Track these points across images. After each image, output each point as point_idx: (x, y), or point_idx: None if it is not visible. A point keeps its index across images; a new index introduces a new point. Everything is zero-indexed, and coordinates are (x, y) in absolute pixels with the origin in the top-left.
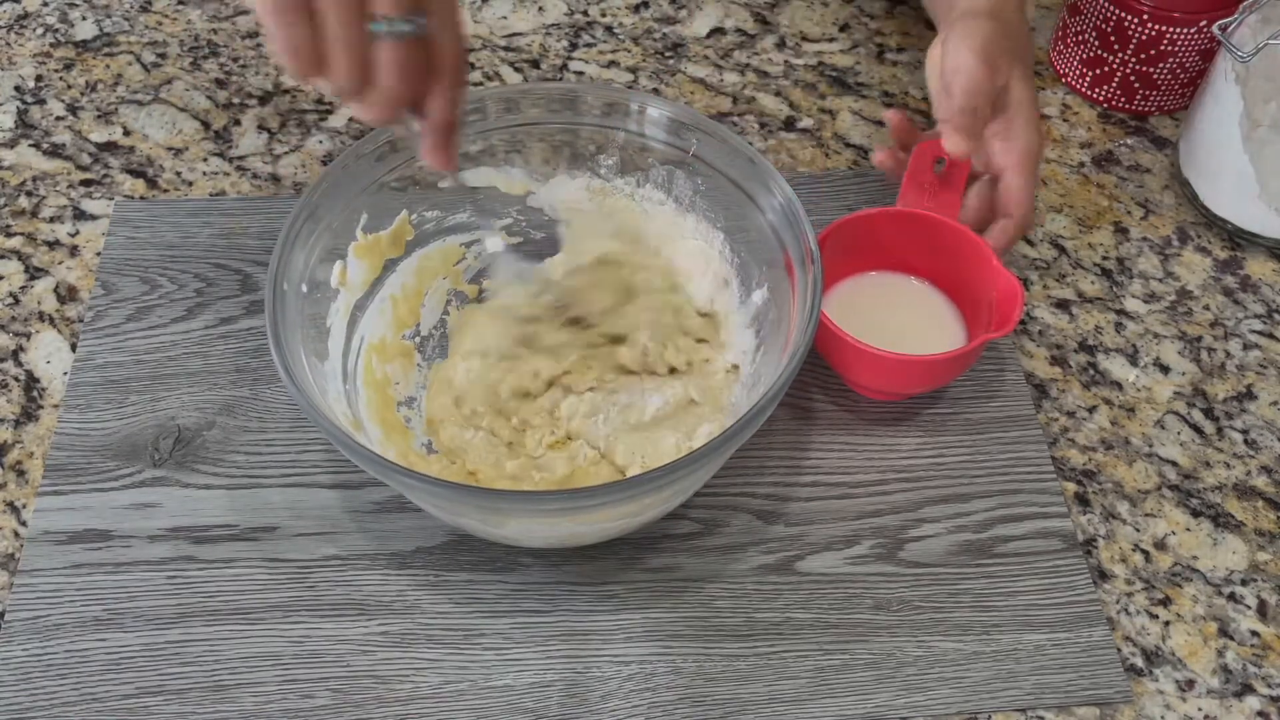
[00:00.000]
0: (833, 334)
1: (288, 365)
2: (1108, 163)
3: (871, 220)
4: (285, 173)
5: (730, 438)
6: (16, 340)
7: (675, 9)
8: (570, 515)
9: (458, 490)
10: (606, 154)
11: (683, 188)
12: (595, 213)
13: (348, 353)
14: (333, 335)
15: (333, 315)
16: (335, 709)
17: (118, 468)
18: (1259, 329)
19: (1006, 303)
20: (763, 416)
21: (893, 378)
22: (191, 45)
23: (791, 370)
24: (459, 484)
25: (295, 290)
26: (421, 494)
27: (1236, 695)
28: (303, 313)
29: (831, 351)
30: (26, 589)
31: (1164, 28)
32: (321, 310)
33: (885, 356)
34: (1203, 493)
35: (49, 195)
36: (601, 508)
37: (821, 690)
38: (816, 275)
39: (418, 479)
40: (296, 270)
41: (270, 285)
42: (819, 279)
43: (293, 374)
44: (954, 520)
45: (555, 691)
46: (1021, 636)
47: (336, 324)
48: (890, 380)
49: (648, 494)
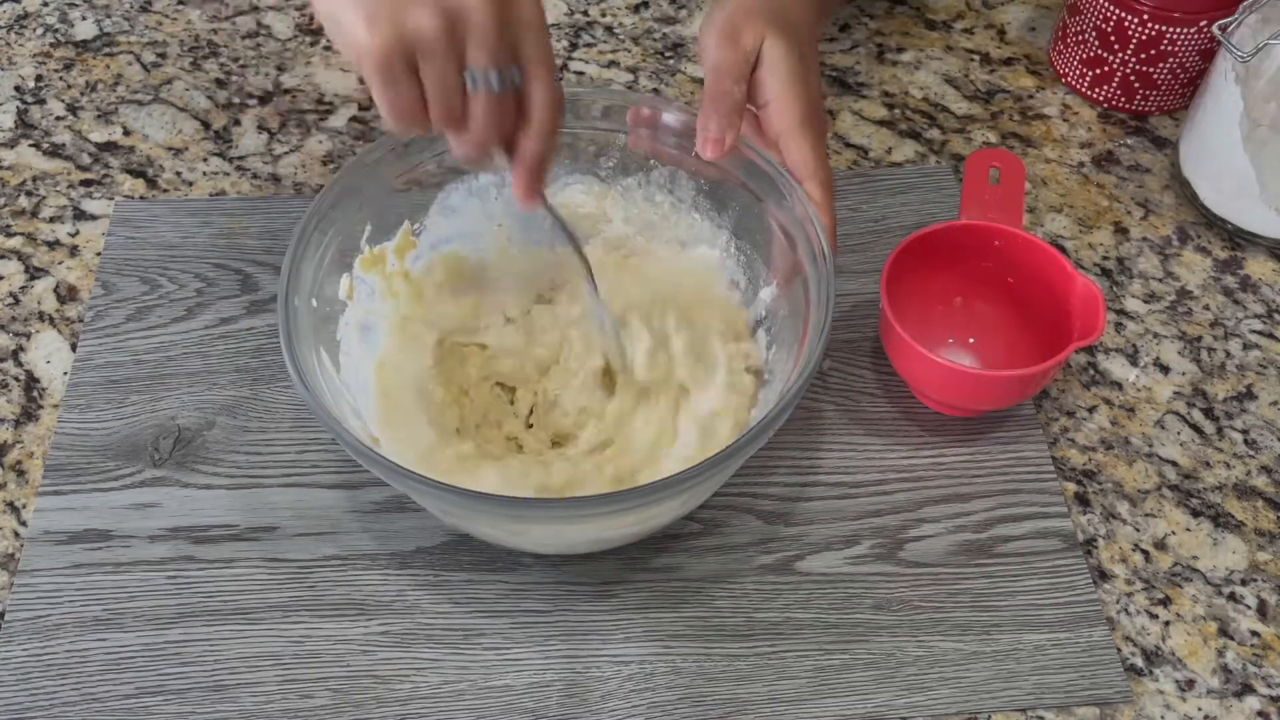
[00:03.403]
0: (919, 354)
1: (302, 374)
2: (1108, 163)
3: (941, 235)
4: (285, 173)
5: (754, 438)
6: (16, 340)
7: (675, 9)
8: (587, 522)
9: (479, 499)
10: (607, 156)
11: (685, 188)
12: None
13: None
14: (343, 348)
15: (343, 328)
16: (335, 709)
17: (118, 468)
18: (1259, 329)
19: (1089, 309)
20: (784, 416)
21: (980, 395)
22: (191, 45)
23: (812, 368)
24: (482, 493)
25: (306, 304)
26: (447, 503)
27: (1236, 695)
28: (314, 327)
29: (915, 371)
30: (26, 589)
31: (1164, 28)
32: (332, 325)
33: (980, 375)
34: (1203, 493)
35: (49, 195)
36: (625, 513)
37: (821, 690)
38: (829, 274)
39: (441, 489)
40: (306, 284)
41: (282, 300)
42: (830, 279)
43: (307, 382)
44: (954, 520)
45: (555, 691)
46: (1021, 636)
47: (347, 336)
48: (976, 398)
49: (676, 495)
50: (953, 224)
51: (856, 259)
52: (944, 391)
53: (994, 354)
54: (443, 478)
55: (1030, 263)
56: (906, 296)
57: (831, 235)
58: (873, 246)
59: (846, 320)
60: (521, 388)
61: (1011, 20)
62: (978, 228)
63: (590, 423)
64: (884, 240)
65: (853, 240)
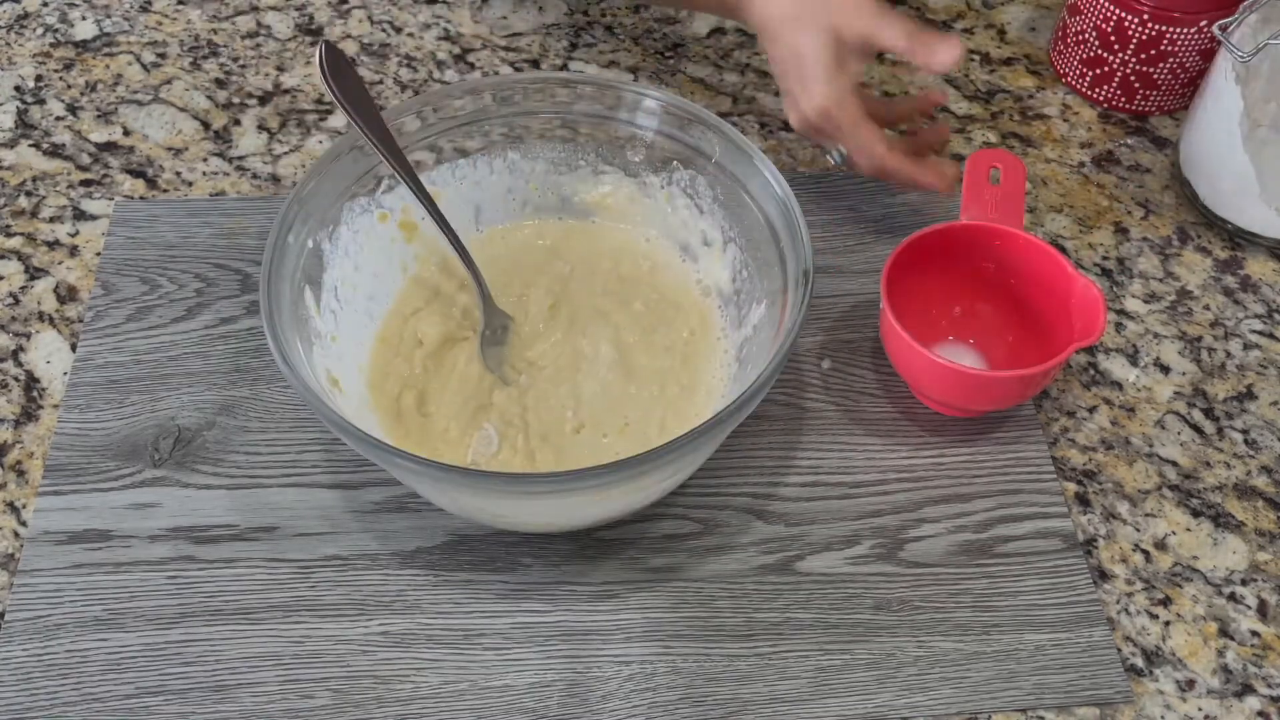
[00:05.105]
0: (919, 354)
1: (286, 356)
2: (1108, 163)
3: (941, 236)
4: (285, 173)
5: (722, 421)
6: (16, 340)
7: (675, 9)
8: (561, 496)
9: (452, 473)
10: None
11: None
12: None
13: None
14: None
15: (325, 314)
16: (335, 709)
17: (118, 468)
18: (1259, 329)
19: (1089, 310)
20: (763, 391)
21: (981, 395)
22: (191, 45)
23: (782, 357)
24: (454, 466)
25: (291, 288)
26: (421, 479)
27: (1237, 695)
28: (296, 313)
29: (916, 371)
30: (26, 589)
31: (1164, 28)
32: (310, 311)
33: (981, 376)
34: (1203, 493)
35: (49, 195)
36: (596, 489)
37: (822, 690)
38: (805, 255)
39: (415, 461)
40: (289, 267)
41: (264, 284)
42: (808, 257)
43: (290, 361)
44: (954, 520)
45: (555, 691)
46: (1022, 636)
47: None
48: (977, 398)
49: (646, 474)
50: (953, 224)
51: (856, 259)
52: (944, 392)
53: (994, 354)
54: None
55: (1030, 263)
56: (907, 296)
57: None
58: (873, 246)
59: (846, 320)
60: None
61: (1011, 20)
62: (978, 228)
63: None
64: (884, 240)
65: (852, 240)
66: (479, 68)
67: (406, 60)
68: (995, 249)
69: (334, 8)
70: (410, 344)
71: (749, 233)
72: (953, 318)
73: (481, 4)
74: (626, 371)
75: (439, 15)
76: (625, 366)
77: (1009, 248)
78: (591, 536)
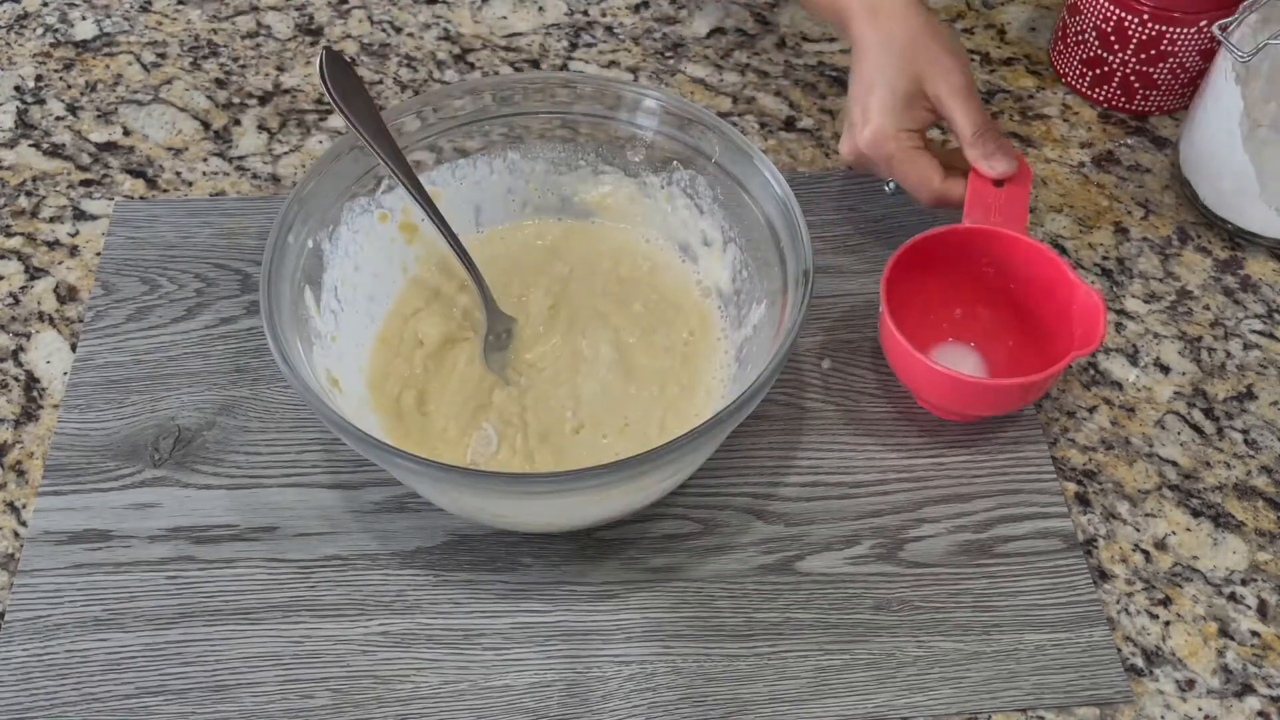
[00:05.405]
0: (918, 361)
1: (286, 356)
2: (1108, 163)
3: (942, 238)
4: (285, 173)
5: (723, 420)
6: (16, 340)
7: (675, 9)
8: (561, 496)
9: (452, 473)
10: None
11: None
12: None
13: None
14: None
15: (325, 314)
16: (335, 709)
17: (118, 468)
18: (1259, 329)
19: (1089, 317)
20: (765, 389)
21: (979, 402)
22: (191, 45)
23: (782, 356)
24: (454, 466)
25: (291, 288)
26: (421, 479)
27: (1237, 695)
28: (296, 313)
29: (914, 377)
30: (26, 589)
31: (1164, 28)
32: (310, 311)
33: (979, 384)
34: (1203, 493)
35: (49, 195)
36: (596, 489)
37: (822, 690)
38: (805, 251)
39: (415, 461)
40: (289, 267)
41: (264, 284)
42: (807, 254)
43: (290, 361)
44: (954, 520)
45: (555, 691)
46: (1022, 636)
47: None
48: (975, 404)
49: (644, 474)
50: (955, 227)
51: (856, 259)
52: (942, 398)
53: (995, 357)
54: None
55: (1032, 268)
56: (907, 298)
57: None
58: (873, 246)
59: (846, 321)
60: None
61: (1011, 20)
62: (980, 232)
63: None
64: (884, 241)
65: (853, 240)
66: (479, 68)
67: (406, 60)
68: (997, 253)
69: (334, 8)
70: (410, 344)
71: (749, 233)
72: (953, 320)
73: (481, 4)
74: (626, 372)
75: (439, 15)
76: (625, 367)
77: (1011, 252)
78: (591, 536)
